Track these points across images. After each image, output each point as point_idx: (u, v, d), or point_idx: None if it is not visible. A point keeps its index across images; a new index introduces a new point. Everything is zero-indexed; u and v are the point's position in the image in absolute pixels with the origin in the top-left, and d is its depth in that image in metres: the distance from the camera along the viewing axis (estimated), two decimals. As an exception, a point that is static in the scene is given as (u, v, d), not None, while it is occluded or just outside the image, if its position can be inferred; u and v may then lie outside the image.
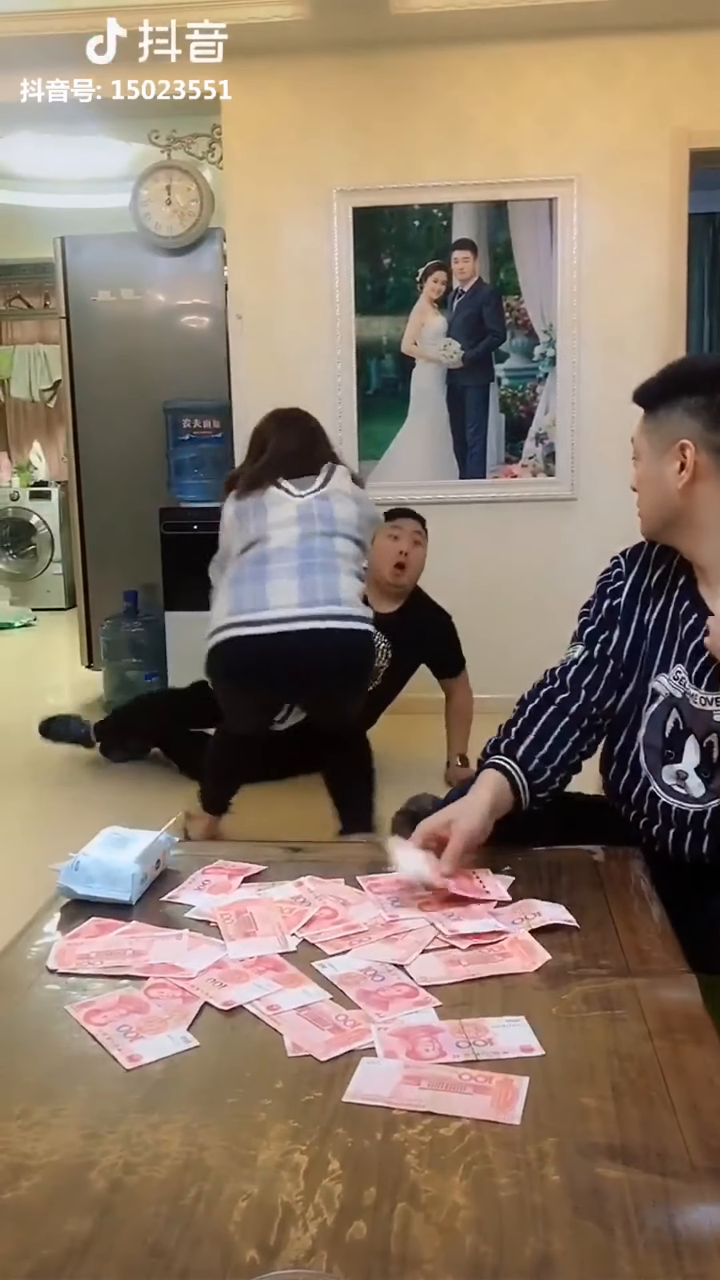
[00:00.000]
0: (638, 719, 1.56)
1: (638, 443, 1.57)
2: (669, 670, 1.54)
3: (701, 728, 1.50)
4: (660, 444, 1.52)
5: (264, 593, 2.69)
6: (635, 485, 1.58)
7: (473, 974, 1.20)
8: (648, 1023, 1.08)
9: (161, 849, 1.50)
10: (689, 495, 1.49)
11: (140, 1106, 0.97)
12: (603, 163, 4.05)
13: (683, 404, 1.50)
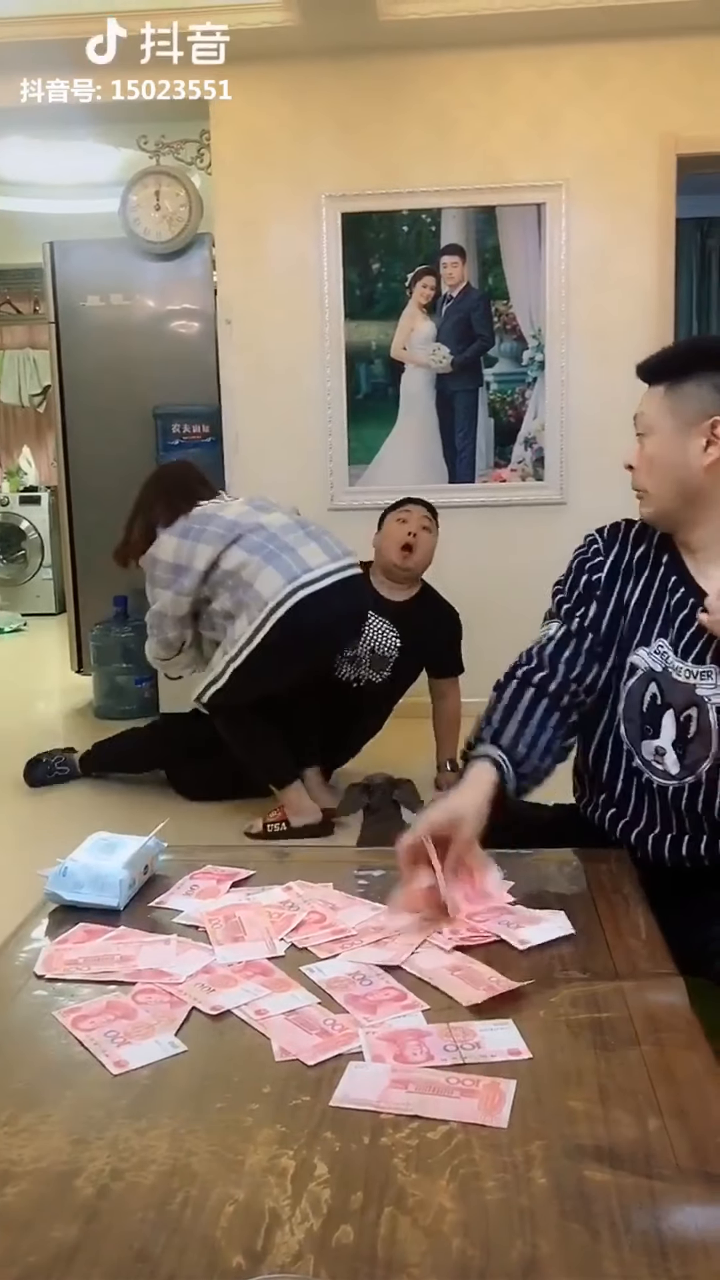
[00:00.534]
0: (616, 694, 1.57)
1: (652, 418, 1.52)
2: (650, 644, 1.54)
3: (681, 700, 1.50)
4: (684, 419, 1.49)
5: (300, 558, 2.95)
6: (636, 463, 1.55)
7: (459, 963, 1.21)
8: (635, 1026, 1.09)
9: (150, 854, 1.50)
10: (712, 473, 1.49)
11: (127, 1112, 0.97)
12: (591, 168, 4.06)
13: (712, 379, 1.48)
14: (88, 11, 3.67)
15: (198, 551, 3.02)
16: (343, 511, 4.13)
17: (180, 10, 3.72)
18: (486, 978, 1.19)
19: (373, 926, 1.32)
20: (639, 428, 1.54)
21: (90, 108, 4.11)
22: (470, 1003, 1.14)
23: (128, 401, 4.57)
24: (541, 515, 4.20)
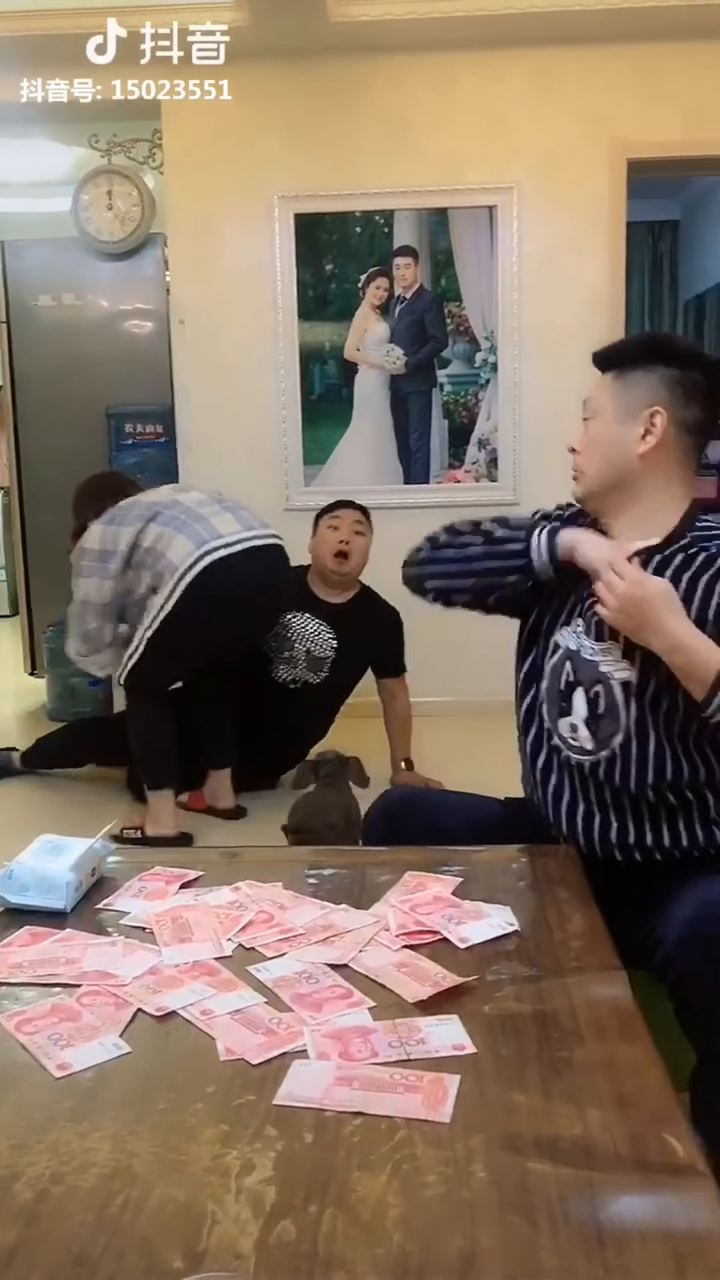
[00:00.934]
0: (539, 670, 1.63)
1: (599, 402, 1.56)
2: (571, 623, 1.58)
3: (589, 678, 1.54)
4: (629, 406, 1.53)
5: (212, 526, 2.97)
6: (579, 446, 1.58)
7: (405, 960, 1.22)
8: (578, 1019, 1.10)
9: (97, 856, 1.49)
10: (644, 461, 1.52)
11: (69, 1115, 0.96)
12: (542, 171, 4.09)
13: (659, 372, 1.52)
14: (74, 8, 3.65)
15: (120, 534, 3.04)
16: (298, 512, 4.12)
17: (131, 8, 3.70)
18: (433, 974, 1.19)
19: (321, 925, 1.33)
20: (586, 411, 1.58)
21: (41, 105, 4.09)
22: (416, 999, 1.14)
23: (80, 401, 4.54)
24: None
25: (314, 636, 3.26)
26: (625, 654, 1.51)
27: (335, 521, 3.36)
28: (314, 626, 3.27)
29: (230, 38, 3.79)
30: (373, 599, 3.41)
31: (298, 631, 3.26)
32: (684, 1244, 0.79)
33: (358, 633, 3.32)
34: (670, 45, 3.96)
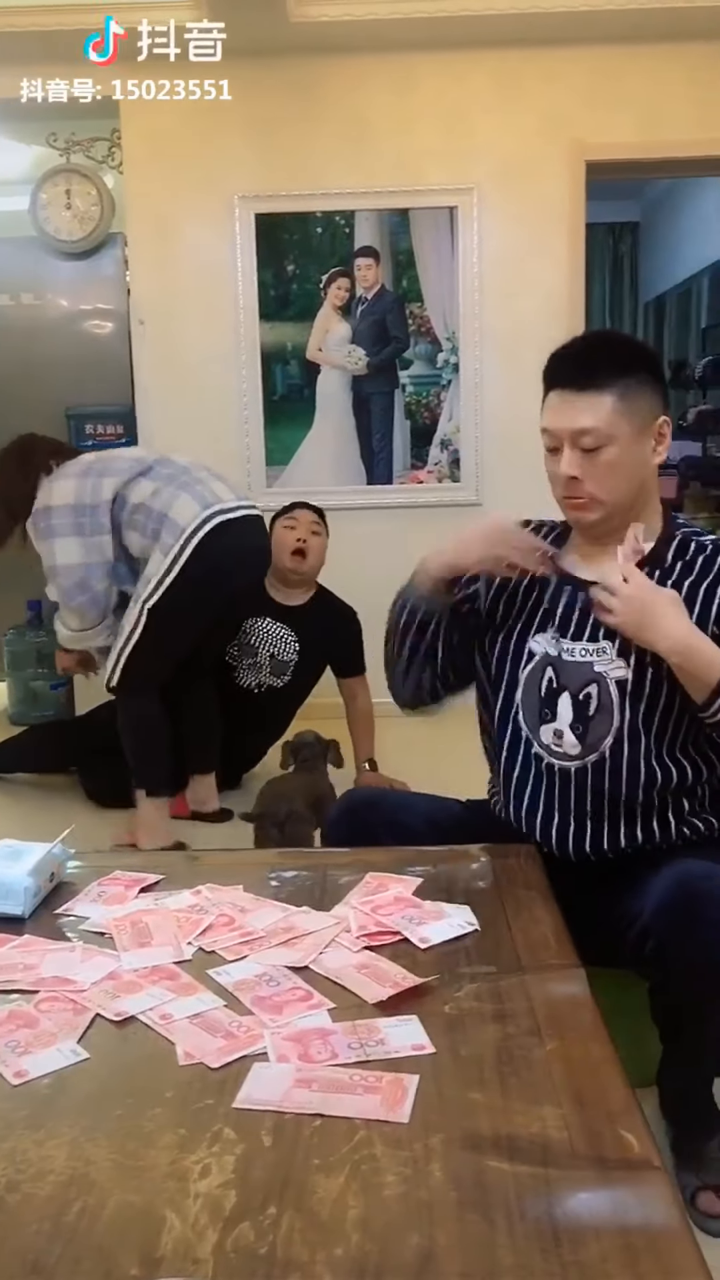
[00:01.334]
0: (514, 680, 1.60)
1: (608, 427, 1.46)
2: (546, 630, 1.57)
3: (577, 681, 1.53)
4: (639, 423, 1.49)
5: (211, 490, 2.86)
6: (583, 474, 1.48)
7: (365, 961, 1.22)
8: (537, 1017, 1.10)
9: (56, 861, 1.48)
10: (652, 472, 1.53)
11: (26, 1123, 0.95)
12: (502, 172, 4.11)
13: (649, 382, 1.50)
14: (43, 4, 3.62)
15: (103, 485, 2.83)
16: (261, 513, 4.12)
17: (89, 6, 3.68)
18: (393, 975, 1.19)
19: (282, 927, 1.32)
20: (590, 440, 1.47)
21: None
22: (376, 1000, 1.14)
23: (40, 402, 4.48)
24: (458, 516, 4.22)
25: (277, 640, 3.26)
26: (620, 653, 1.51)
27: (291, 522, 3.34)
28: (276, 629, 3.27)
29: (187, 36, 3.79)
30: (329, 599, 3.40)
31: (260, 636, 3.25)
32: (639, 1239, 0.80)
33: (317, 634, 3.32)
34: (628, 48, 3.99)
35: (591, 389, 1.47)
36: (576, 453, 1.48)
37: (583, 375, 1.48)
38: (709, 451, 6.88)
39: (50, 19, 3.70)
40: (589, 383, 1.47)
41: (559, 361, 1.53)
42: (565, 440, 1.49)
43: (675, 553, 1.54)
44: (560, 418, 1.49)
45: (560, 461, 1.49)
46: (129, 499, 2.82)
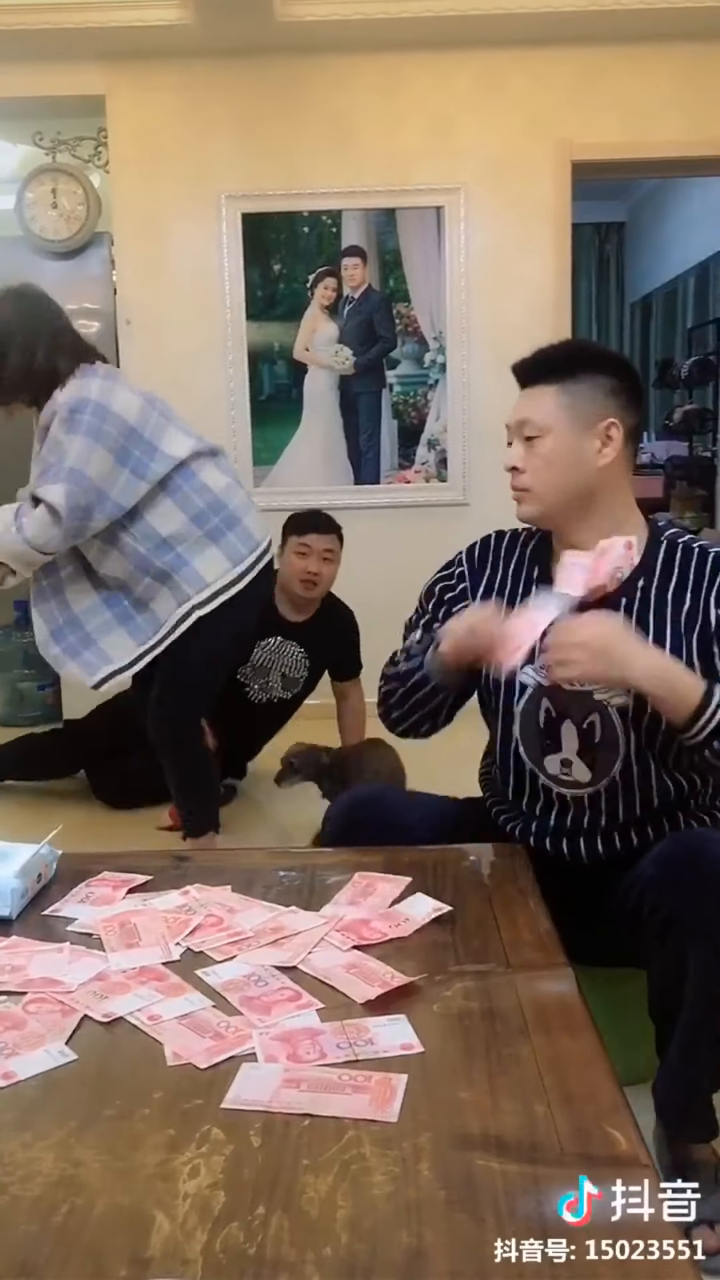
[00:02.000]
0: (510, 714, 1.58)
1: (545, 418, 1.49)
2: (534, 660, 1.54)
3: (579, 710, 1.52)
4: (582, 419, 1.48)
5: (258, 524, 2.54)
6: (522, 464, 1.51)
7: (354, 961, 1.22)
8: (525, 1016, 1.11)
9: (43, 862, 1.48)
10: (603, 473, 1.50)
11: (14, 1125, 0.95)
12: (488, 172, 4.12)
13: (600, 382, 1.49)
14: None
15: (175, 436, 2.42)
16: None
17: (74, 5, 3.67)
18: (381, 974, 1.19)
19: (270, 928, 1.32)
20: (529, 430, 1.51)
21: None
22: (365, 999, 1.14)
23: (26, 402, 4.47)
24: (445, 516, 4.23)
25: (288, 658, 3.23)
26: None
27: (304, 548, 3.16)
28: (288, 648, 3.23)
29: (173, 36, 3.79)
30: (332, 608, 3.35)
31: (272, 657, 3.20)
32: (627, 1236, 0.80)
33: (324, 646, 3.29)
34: (614, 48, 4.00)
35: (538, 383, 1.52)
36: (520, 445, 1.53)
37: (532, 370, 1.54)
38: (695, 451, 6.91)
39: (35, 17, 3.69)
40: (535, 378, 1.53)
41: (523, 361, 1.57)
42: (512, 433, 1.54)
43: (664, 558, 1.52)
44: (512, 413, 1.55)
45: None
46: (198, 475, 2.44)
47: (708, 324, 6.76)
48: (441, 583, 1.67)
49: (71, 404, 2.32)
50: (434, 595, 1.66)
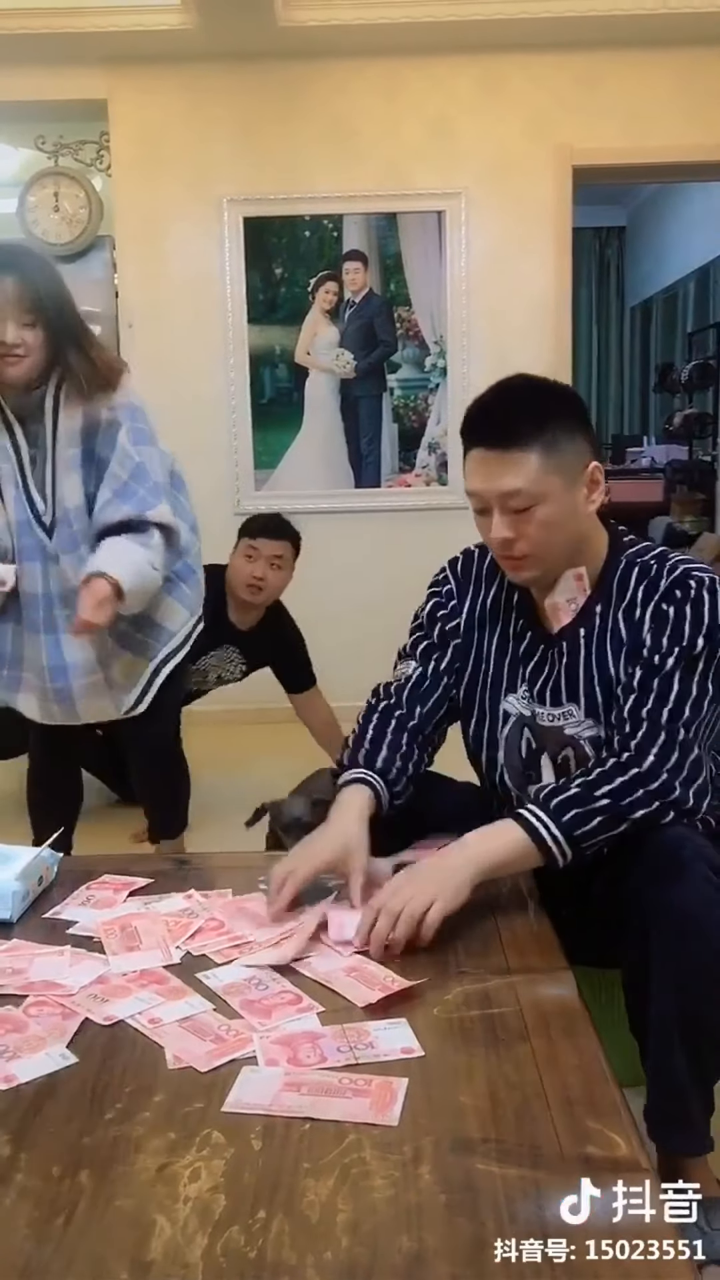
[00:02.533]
0: (494, 741, 1.57)
1: (536, 487, 1.38)
2: (516, 690, 1.53)
3: (553, 743, 1.51)
4: (569, 475, 1.40)
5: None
6: (515, 533, 1.41)
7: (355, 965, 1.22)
8: (525, 1019, 1.11)
9: (44, 865, 1.48)
10: (589, 518, 1.45)
11: (15, 1128, 0.95)
12: (489, 177, 4.13)
13: (570, 427, 1.41)
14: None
15: (164, 457, 2.29)
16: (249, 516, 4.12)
17: (76, 10, 3.68)
18: (381, 978, 1.20)
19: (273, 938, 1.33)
20: (519, 501, 1.39)
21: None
22: (365, 1003, 1.14)
23: (28, 405, 4.48)
24: (445, 520, 4.23)
25: (225, 662, 3.19)
26: (588, 713, 1.47)
27: (252, 551, 3.05)
28: (227, 653, 3.17)
29: (176, 40, 3.80)
30: (279, 622, 3.24)
31: (213, 666, 3.17)
32: (627, 1240, 0.80)
33: (262, 654, 3.23)
34: (615, 53, 4.01)
35: (515, 448, 1.38)
36: (508, 515, 1.41)
37: (502, 432, 1.39)
38: (695, 455, 6.91)
39: (38, 22, 3.71)
40: (510, 441, 1.38)
41: (476, 418, 1.44)
42: (493, 503, 1.41)
43: (620, 579, 1.47)
44: (485, 480, 1.41)
45: (490, 525, 1.43)
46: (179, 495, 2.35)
47: (708, 328, 6.78)
48: (432, 601, 1.63)
49: (132, 410, 2.20)
50: (435, 621, 1.62)
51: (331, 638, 3.54)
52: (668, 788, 1.35)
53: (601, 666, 1.46)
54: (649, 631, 1.42)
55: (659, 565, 1.46)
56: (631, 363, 8.52)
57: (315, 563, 3.38)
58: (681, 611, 1.41)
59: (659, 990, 1.28)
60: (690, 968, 1.26)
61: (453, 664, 1.60)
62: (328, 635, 3.49)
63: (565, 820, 1.34)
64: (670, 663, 1.39)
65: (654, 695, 1.39)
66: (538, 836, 1.34)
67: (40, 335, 2.04)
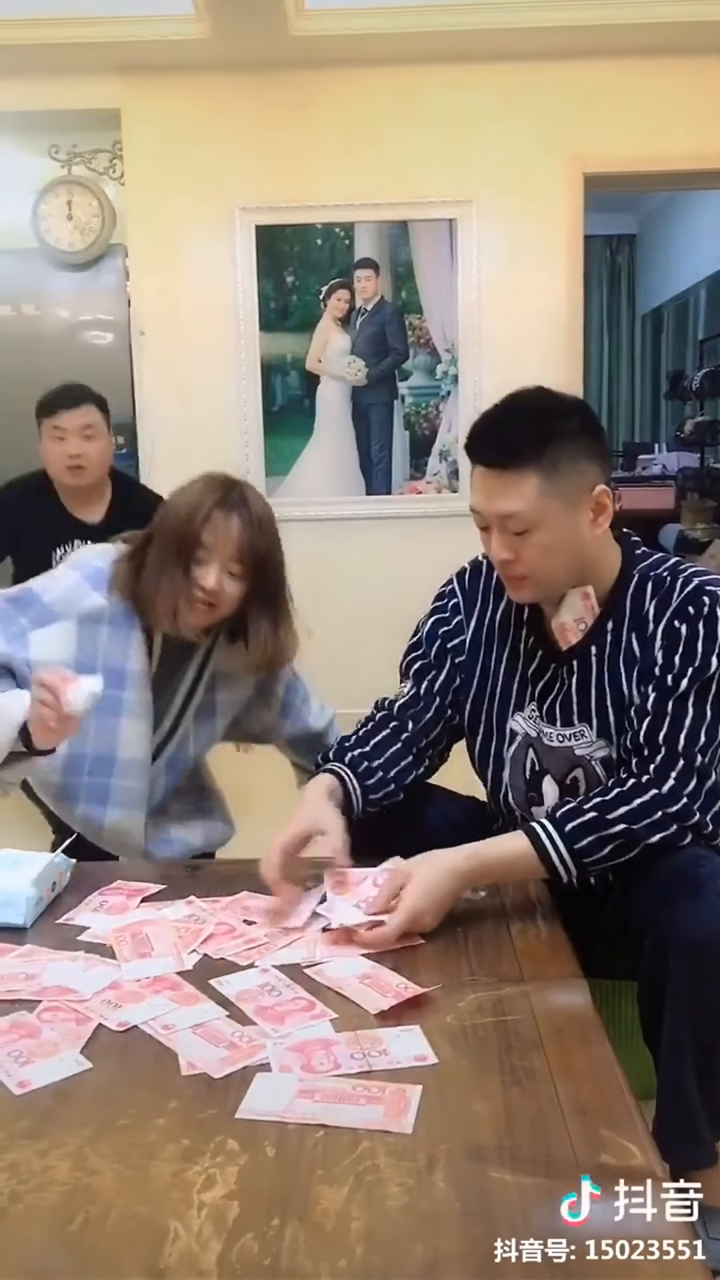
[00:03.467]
0: (500, 759, 1.56)
1: (537, 509, 1.36)
2: (524, 709, 1.52)
3: (560, 765, 1.50)
4: (572, 499, 1.38)
5: None
6: (512, 554, 1.40)
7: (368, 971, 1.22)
8: (539, 1027, 1.10)
9: (58, 871, 1.48)
10: (597, 539, 1.43)
11: (29, 1133, 0.95)
12: (501, 185, 4.13)
13: (577, 448, 1.38)
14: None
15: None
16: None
17: (90, 19, 3.70)
18: (395, 984, 1.20)
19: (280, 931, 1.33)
20: (516, 525, 1.38)
21: None
22: (378, 1010, 1.14)
23: (40, 412, 4.50)
24: (456, 527, 4.20)
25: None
26: (600, 734, 1.46)
27: (58, 432, 2.75)
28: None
29: (189, 50, 3.82)
30: (127, 491, 2.91)
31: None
32: (643, 1249, 0.80)
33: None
34: (626, 61, 4.01)
35: (513, 468, 1.36)
36: (507, 535, 1.39)
37: (501, 452, 1.37)
38: (706, 462, 6.90)
39: (52, 32, 3.72)
40: (509, 461, 1.36)
41: (478, 435, 1.42)
42: (492, 522, 1.40)
43: (633, 595, 1.45)
44: (484, 499, 1.40)
45: (491, 542, 1.41)
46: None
47: (719, 336, 6.76)
48: (435, 616, 1.63)
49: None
50: (436, 638, 1.61)
51: (341, 644, 3.53)
52: (688, 812, 1.34)
53: (614, 686, 1.45)
54: (661, 649, 1.41)
55: (672, 579, 1.44)
56: (642, 370, 8.51)
57: (326, 569, 3.39)
58: (695, 630, 1.40)
59: (673, 1011, 1.28)
60: (706, 990, 1.26)
61: (449, 684, 1.59)
62: (337, 642, 3.49)
63: (574, 839, 1.34)
64: (684, 685, 1.38)
65: (669, 720, 1.38)
66: (544, 852, 1.35)
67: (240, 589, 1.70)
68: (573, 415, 1.43)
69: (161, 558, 1.66)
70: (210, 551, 1.64)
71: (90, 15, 3.69)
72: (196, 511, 1.65)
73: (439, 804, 1.66)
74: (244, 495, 1.71)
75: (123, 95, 4.07)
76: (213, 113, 4.10)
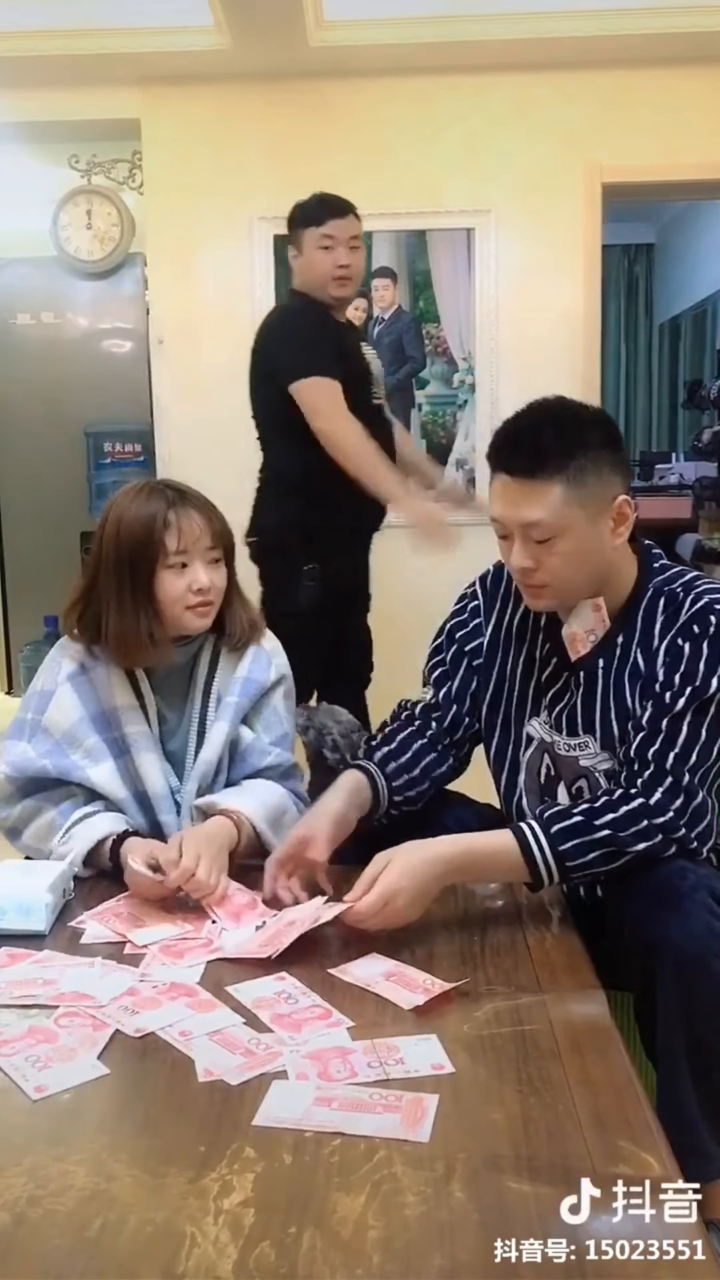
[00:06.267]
0: (516, 763, 1.56)
1: (562, 518, 1.36)
2: (539, 715, 1.53)
3: (569, 773, 1.51)
4: (594, 508, 1.38)
5: None
6: (533, 563, 1.40)
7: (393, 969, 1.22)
8: (556, 1038, 1.10)
9: (67, 877, 1.49)
10: (617, 550, 1.43)
11: (47, 1138, 0.95)
12: (519, 195, 4.13)
13: (600, 459, 1.39)
14: (18, 29, 3.67)
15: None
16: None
17: (110, 31, 3.73)
18: (422, 981, 1.20)
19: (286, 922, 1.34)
20: (539, 533, 1.38)
21: (19, 125, 4.12)
22: (413, 1005, 1.15)
23: (59, 420, 4.53)
24: (473, 535, 4.21)
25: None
26: (604, 746, 1.47)
27: (328, 240, 2.65)
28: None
29: (209, 60, 3.84)
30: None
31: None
32: (661, 1260, 0.79)
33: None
34: (645, 71, 4.01)
35: (538, 477, 1.36)
36: (529, 544, 1.40)
37: (527, 461, 1.38)
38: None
39: (72, 43, 3.75)
40: (534, 470, 1.37)
41: (502, 444, 1.43)
42: (515, 531, 1.40)
43: (646, 608, 1.45)
44: (507, 508, 1.40)
45: (511, 551, 1.42)
46: None
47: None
48: (454, 619, 1.64)
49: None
50: (454, 641, 1.62)
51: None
52: (673, 825, 1.34)
53: (619, 699, 1.45)
54: (663, 666, 1.41)
55: (684, 594, 1.44)
56: (660, 379, 8.49)
57: (343, 578, 3.39)
58: (698, 649, 1.39)
59: (665, 1024, 1.27)
60: (695, 1002, 1.26)
61: (465, 687, 1.60)
62: (355, 650, 3.49)
63: (559, 841, 1.34)
64: (681, 704, 1.38)
65: (662, 737, 1.38)
66: (528, 851, 1.34)
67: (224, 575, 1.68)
68: (597, 425, 1.43)
69: (119, 589, 1.61)
70: (187, 554, 1.61)
71: (110, 27, 3.72)
72: (153, 525, 1.61)
73: (455, 809, 1.66)
74: (177, 488, 1.71)
75: (142, 105, 4.10)
76: (231, 123, 4.12)
